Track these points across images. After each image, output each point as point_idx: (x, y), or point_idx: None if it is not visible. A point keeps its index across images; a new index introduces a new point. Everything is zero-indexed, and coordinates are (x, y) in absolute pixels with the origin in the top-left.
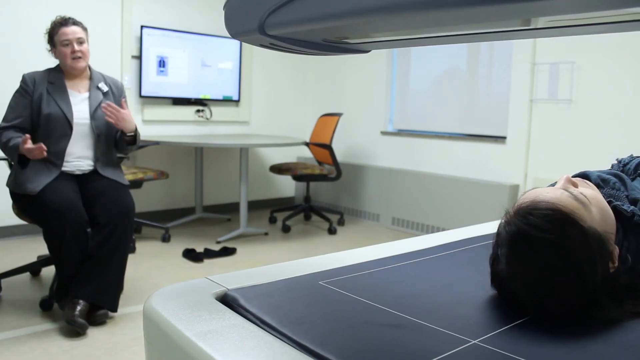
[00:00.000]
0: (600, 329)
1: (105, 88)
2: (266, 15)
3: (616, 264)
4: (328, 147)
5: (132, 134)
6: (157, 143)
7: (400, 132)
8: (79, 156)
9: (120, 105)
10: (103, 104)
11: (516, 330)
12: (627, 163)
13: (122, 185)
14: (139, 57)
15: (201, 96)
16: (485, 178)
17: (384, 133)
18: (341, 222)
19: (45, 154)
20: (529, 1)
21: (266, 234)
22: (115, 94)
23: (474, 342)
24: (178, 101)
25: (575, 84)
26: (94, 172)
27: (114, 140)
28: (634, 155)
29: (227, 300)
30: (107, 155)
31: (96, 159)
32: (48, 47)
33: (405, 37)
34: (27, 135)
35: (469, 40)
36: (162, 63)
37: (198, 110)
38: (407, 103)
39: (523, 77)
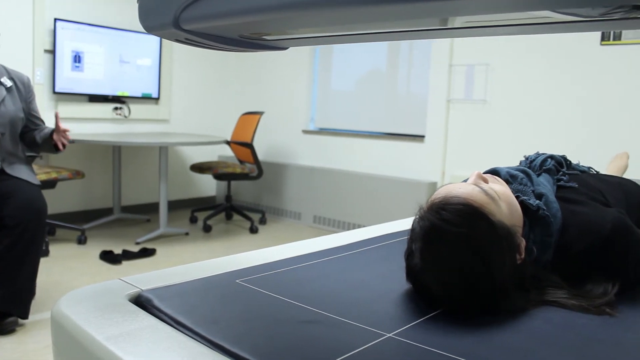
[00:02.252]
0: (508, 318)
1: (8, 83)
2: (181, 10)
3: (523, 256)
4: (249, 146)
5: None
6: (72, 141)
7: (321, 131)
8: None
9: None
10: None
11: (429, 323)
12: (534, 160)
13: (33, 185)
14: (53, 52)
15: (119, 93)
16: (404, 176)
17: (305, 132)
18: (263, 221)
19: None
20: (438, 0)
21: (187, 234)
22: (21, 89)
23: (388, 335)
24: (94, 98)
25: (490, 85)
26: (0, 172)
27: (32, 139)
28: (540, 152)
29: (141, 301)
30: (14, 154)
31: (2, 159)
32: None
33: (323, 35)
34: None
35: (387, 39)
36: (77, 58)
37: (116, 108)
38: (329, 102)
39: (441, 78)
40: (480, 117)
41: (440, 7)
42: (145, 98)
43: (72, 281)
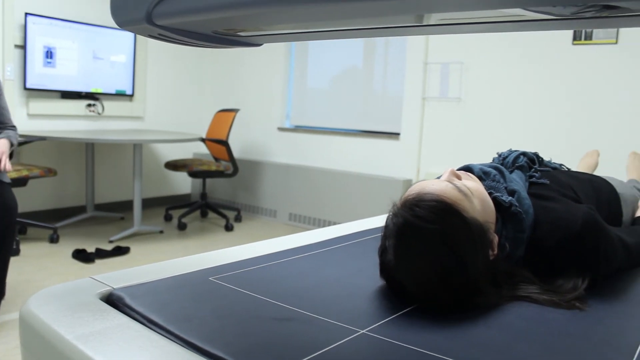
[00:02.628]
0: (480, 313)
1: None
2: (154, 5)
3: (496, 252)
4: (224, 143)
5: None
6: (43, 139)
7: (297, 129)
8: None
9: None
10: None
11: (403, 319)
12: (506, 157)
13: (3, 182)
14: (24, 47)
15: (92, 90)
16: (379, 173)
17: (281, 129)
18: (238, 219)
19: None
20: None
21: (161, 232)
22: None
23: (362, 332)
24: (67, 95)
25: (464, 83)
26: None
27: None
28: (512, 149)
29: (112, 300)
30: None
31: None
32: None
33: (298, 31)
34: None
35: (362, 35)
36: (49, 54)
37: (89, 105)
38: (305, 99)
39: (416, 76)
40: (455, 115)
41: (413, 3)
42: (119, 95)
43: (43, 280)
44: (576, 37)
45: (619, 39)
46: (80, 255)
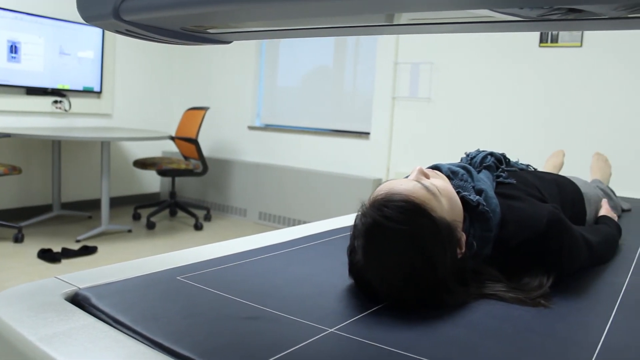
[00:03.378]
0: (448, 311)
1: None
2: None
3: (463, 250)
4: (194, 142)
5: None
6: (7, 135)
7: (267, 127)
8: None
9: None
10: None
11: (371, 317)
12: (474, 157)
13: None
14: None
15: (59, 86)
16: (349, 172)
17: (251, 128)
18: (208, 218)
19: None
20: None
21: (130, 231)
22: None
23: (330, 330)
24: (32, 91)
25: (434, 83)
26: None
27: None
28: (480, 149)
29: (78, 300)
30: None
31: None
32: None
33: (268, 29)
34: None
35: (332, 34)
36: (13, 49)
37: (55, 101)
38: (275, 98)
39: (386, 75)
40: (424, 115)
41: (383, 3)
42: (87, 91)
43: (7, 281)
44: (543, 40)
45: (583, 42)
46: (46, 255)
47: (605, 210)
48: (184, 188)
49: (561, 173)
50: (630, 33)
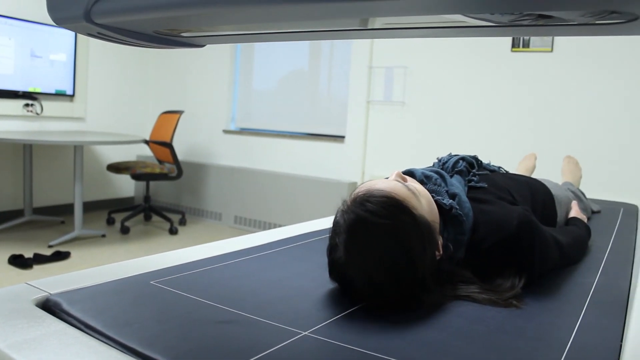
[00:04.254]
0: (421, 313)
1: None
2: (93, 2)
3: (441, 253)
4: (169, 146)
5: None
6: None
7: (242, 131)
8: None
9: None
10: None
11: (345, 320)
12: (446, 161)
13: None
14: None
15: (30, 89)
16: (325, 176)
17: (226, 131)
18: (183, 222)
19: None
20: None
21: (103, 236)
22: None
23: (304, 333)
24: (2, 94)
25: (408, 87)
26: None
27: None
28: (452, 153)
29: (49, 306)
30: None
31: None
32: None
33: (242, 32)
34: None
35: (306, 38)
36: None
37: (27, 105)
38: (250, 102)
39: (360, 79)
40: (398, 119)
41: (357, 7)
42: (59, 95)
43: None
44: (515, 45)
45: (554, 48)
46: (17, 261)
47: (575, 212)
48: (159, 192)
49: (533, 176)
50: (599, 39)
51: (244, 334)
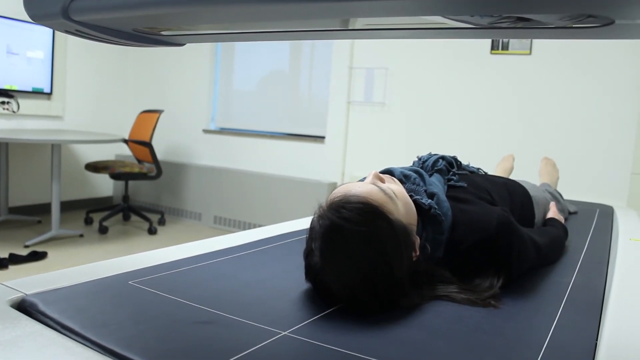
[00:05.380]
0: (401, 313)
1: None
2: None
3: (418, 253)
4: (148, 145)
5: None
6: None
7: (222, 131)
8: None
9: None
10: None
11: (325, 320)
12: (426, 160)
13: None
14: None
15: (6, 87)
16: (305, 176)
17: (206, 131)
18: (162, 222)
19: None
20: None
21: (81, 235)
22: None
23: (284, 333)
24: None
25: (388, 88)
26: None
27: None
28: (432, 153)
29: (24, 306)
30: None
31: None
32: None
33: (221, 32)
34: None
35: (286, 38)
36: None
37: (2, 102)
38: (231, 102)
39: (341, 80)
40: (379, 119)
41: (337, 8)
42: (37, 93)
43: None
44: (494, 47)
45: (532, 51)
46: None
47: (553, 212)
48: (138, 192)
49: (511, 177)
50: (576, 42)
51: (223, 334)
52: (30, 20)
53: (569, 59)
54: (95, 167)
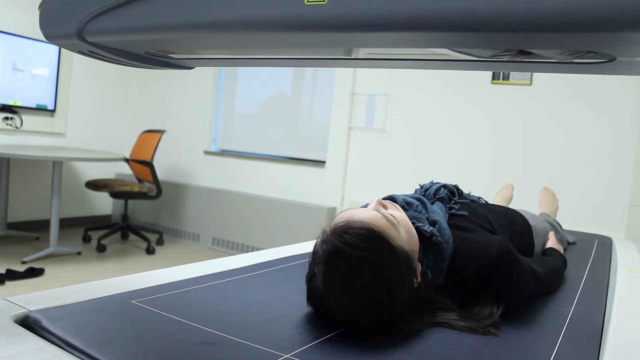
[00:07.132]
0: (401, 339)
1: None
2: (86, 21)
3: (419, 280)
4: (149, 165)
5: None
6: None
7: (223, 153)
8: None
9: None
10: None
11: (326, 344)
12: (428, 188)
13: None
14: None
15: (10, 102)
16: (304, 200)
17: (207, 153)
18: (160, 242)
19: None
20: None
21: (79, 253)
22: None
23: (286, 356)
24: None
25: (389, 114)
26: None
27: None
28: (434, 181)
29: (28, 322)
30: None
31: None
32: None
33: (230, 57)
34: None
35: (291, 65)
36: None
37: (6, 118)
38: (232, 124)
39: (343, 106)
40: (379, 145)
41: (342, 38)
42: (40, 109)
43: None
44: (495, 77)
45: (533, 81)
46: None
47: (552, 242)
48: (137, 211)
49: (510, 206)
50: (576, 75)
51: (225, 356)
52: (37, 37)
53: (569, 90)
54: (95, 185)
